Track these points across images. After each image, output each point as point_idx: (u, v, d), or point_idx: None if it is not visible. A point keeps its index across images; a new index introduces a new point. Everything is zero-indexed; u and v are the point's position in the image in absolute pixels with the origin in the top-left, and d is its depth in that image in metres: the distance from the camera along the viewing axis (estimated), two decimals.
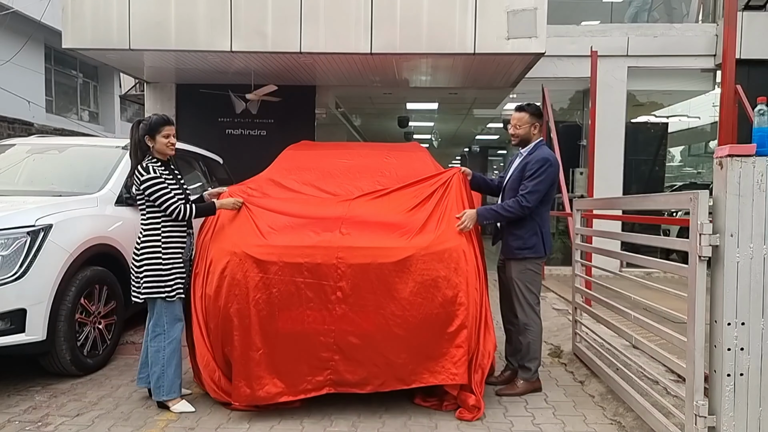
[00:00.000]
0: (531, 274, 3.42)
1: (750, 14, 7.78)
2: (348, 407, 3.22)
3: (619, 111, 8.05)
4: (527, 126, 3.46)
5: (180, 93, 8.50)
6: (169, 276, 3.11)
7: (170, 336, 3.13)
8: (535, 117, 3.47)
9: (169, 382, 3.12)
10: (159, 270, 3.09)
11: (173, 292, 3.12)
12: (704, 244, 2.36)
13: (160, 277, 3.09)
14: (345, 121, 11.64)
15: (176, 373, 3.15)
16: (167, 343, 3.12)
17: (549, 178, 3.31)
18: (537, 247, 3.38)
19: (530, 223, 3.37)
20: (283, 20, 6.23)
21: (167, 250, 3.11)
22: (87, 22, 6.34)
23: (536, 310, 3.45)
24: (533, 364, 3.46)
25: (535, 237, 3.37)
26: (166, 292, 3.10)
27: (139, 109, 13.04)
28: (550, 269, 7.76)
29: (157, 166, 3.15)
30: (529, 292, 3.42)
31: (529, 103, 3.54)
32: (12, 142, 5.08)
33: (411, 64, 7.06)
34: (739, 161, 2.27)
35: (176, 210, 3.10)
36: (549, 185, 3.34)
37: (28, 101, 12.45)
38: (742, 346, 2.32)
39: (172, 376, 3.13)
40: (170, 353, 3.12)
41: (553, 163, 3.35)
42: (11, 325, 3.29)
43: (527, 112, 3.46)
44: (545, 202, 3.42)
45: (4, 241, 3.32)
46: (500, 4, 6.06)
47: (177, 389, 3.17)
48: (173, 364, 3.13)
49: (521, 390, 3.45)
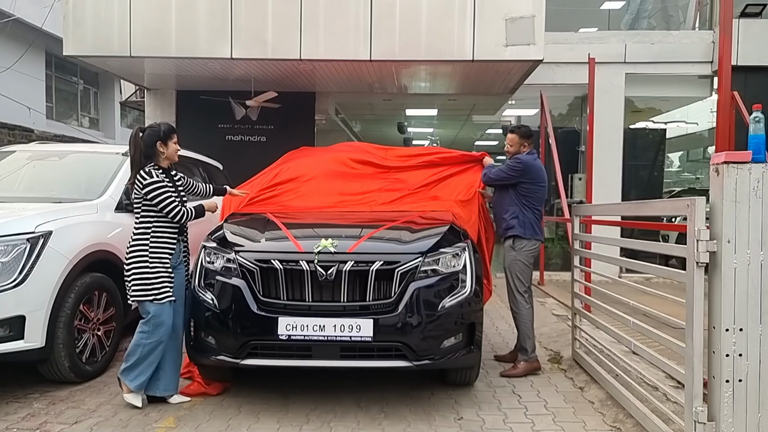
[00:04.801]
0: (521, 265, 3.99)
1: (746, 21, 7.83)
2: (347, 414, 3.22)
3: (617, 117, 8.08)
4: (517, 145, 4.10)
5: (180, 99, 8.54)
6: (156, 280, 3.18)
7: (152, 337, 3.21)
8: (524, 138, 4.10)
9: (137, 373, 3.23)
10: (146, 273, 3.17)
11: (161, 295, 3.18)
12: (701, 250, 2.37)
13: (147, 280, 3.17)
14: (345, 127, 11.66)
15: (145, 370, 3.23)
16: (147, 342, 3.21)
17: (512, 169, 4.00)
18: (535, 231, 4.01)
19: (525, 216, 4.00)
20: (283, 27, 6.27)
21: (154, 255, 3.20)
22: (88, 29, 6.37)
23: (525, 297, 3.98)
24: (528, 344, 3.93)
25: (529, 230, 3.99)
26: (153, 295, 3.17)
27: (139, 115, 13.09)
28: (549, 275, 7.76)
29: (159, 171, 3.26)
30: (517, 279, 3.98)
31: (519, 126, 4.21)
32: (12, 149, 5.10)
33: (410, 70, 7.09)
34: (736, 168, 2.29)
35: (179, 213, 3.22)
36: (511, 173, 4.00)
37: (28, 108, 12.49)
38: (741, 352, 2.33)
39: (141, 370, 3.23)
40: (147, 352, 3.21)
41: (523, 161, 3.98)
42: (10, 332, 3.28)
43: (517, 134, 4.10)
44: (536, 199, 4.02)
45: (4, 248, 3.32)
46: (499, 12, 6.11)
47: (139, 383, 3.24)
48: (146, 362, 3.22)
49: (521, 370, 3.90)
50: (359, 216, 4.03)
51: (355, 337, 3.01)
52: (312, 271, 3.08)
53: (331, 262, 3.09)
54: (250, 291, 3.12)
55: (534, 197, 4.02)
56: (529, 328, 3.96)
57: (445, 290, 3.20)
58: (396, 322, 3.05)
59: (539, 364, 4.00)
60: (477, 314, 3.31)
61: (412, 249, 3.25)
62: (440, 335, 3.14)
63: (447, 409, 3.32)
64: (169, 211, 3.19)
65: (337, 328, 3.02)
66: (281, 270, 3.11)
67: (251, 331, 3.09)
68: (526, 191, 4.00)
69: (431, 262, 3.22)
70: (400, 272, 3.12)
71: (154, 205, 3.18)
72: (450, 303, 3.17)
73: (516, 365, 3.95)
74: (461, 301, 3.20)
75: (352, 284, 3.10)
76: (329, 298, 3.11)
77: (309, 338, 3.02)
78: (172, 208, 3.20)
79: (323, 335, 3.01)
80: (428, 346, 3.09)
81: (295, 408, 3.30)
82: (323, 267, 3.07)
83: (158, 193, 3.17)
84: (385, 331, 3.04)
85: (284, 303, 3.11)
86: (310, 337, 3.02)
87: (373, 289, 3.10)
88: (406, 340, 3.05)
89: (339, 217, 4.06)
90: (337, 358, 3.08)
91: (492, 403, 3.41)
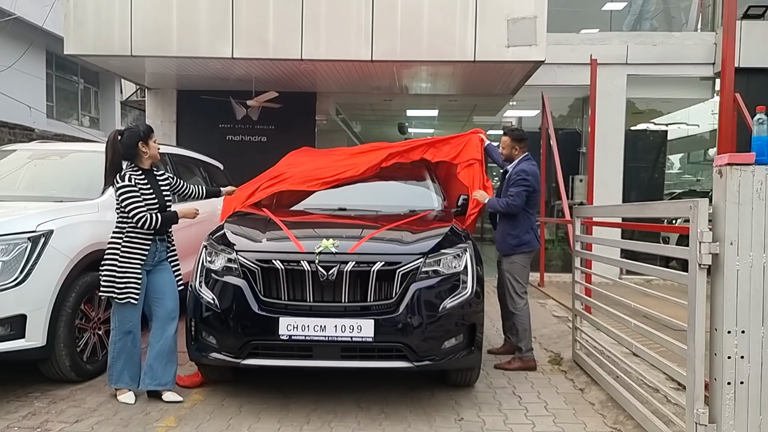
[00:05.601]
0: (519, 267, 4.09)
1: (749, 23, 7.82)
2: (348, 414, 3.22)
3: (618, 119, 8.07)
4: (509, 148, 4.18)
5: (181, 99, 8.53)
6: (122, 280, 3.25)
7: (119, 333, 3.32)
8: (516, 141, 4.16)
9: (117, 372, 3.35)
10: (114, 273, 3.26)
11: (122, 295, 3.25)
12: (704, 252, 2.37)
13: (114, 279, 3.26)
14: (345, 127, 11.67)
15: (124, 366, 3.35)
16: (117, 338, 3.33)
17: (527, 185, 3.99)
18: (531, 242, 4.09)
19: (523, 223, 4.05)
20: (285, 27, 6.27)
21: (125, 255, 3.27)
22: (89, 28, 6.37)
23: (523, 297, 4.07)
24: (524, 344, 4.05)
25: (527, 234, 4.07)
26: (116, 294, 3.26)
27: (140, 114, 13.08)
28: (549, 276, 7.76)
29: (137, 174, 3.34)
30: (516, 282, 4.08)
31: (513, 129, 4.29)
32: (13, 148, 5.09)
33: (411, 71, 7.09)
34: (739, 170, 2.28)
35: (142, 219, 3.26)
36: (530, 190, 4.01)
37: (29, 107, 12.46)
38: (743, 354, 2.32)
39: (120, 368, 3.34)
40: (119, 349, 3.33)
41: (529, 173, 4.01)
42: (11, 331, 3.28)
43: (509, 137, 4.18)
44: (532, 205, 4.09)
45: (5, 247, 3.32)
46: (500, 12, 6.10)
47: (125, 381, 3.36)
48: (122, 359, 3.34)
49: (516, 367, 4.02)
50: (360, 216, 4.03)
51: (356, 338, 3.01)
52: (313, 271, 3.08)
53: (333, 262, 3.09)
54: (251, 291, 3.13)
55: (532, 203, 4.09)
56: (527, 327, 4.06)
57: (446, 291, 3.20)
58: (397, 322, 3.05)
59: (535, 364, 4.08)
60: (478, 315, 3.31)
61: (414, 250, 3.25)
62: (441, 336, 3.14)
63: (447, 409, 3.32)
64: (134, 215, 3.25)
65: (338, 329, 3.01)
66: (282, 270, 3.11)
67: (252, 331, 3.09)
68: (533, 201, 4.07)
69: (432, 263, 3.22)
70: (401, 273, 3.12)
71: (124, 208, 3.27)
72: (451, 304, 3.17)
73: (512, 361, 4.07)
74: (462, 302, 3.20)
75: (353, 285, 3.10)
76: (330, 299, 3.11)
77: (310, 338, 3.02)
78: (136, 213, 3.24)
79: (324, 335, 3.01)
80: (429, 347, 3.09)
81: (295, 408, 3.30)
82: (324, 267, 3.07)
83: (126, 197, 3.25)
84: (385, 332, 3.03)
85: (285, 303, 3.11)
86: (311, 337, 3.02)
87: (374, 290, 3.10)
88: (407, 341, 3.05)
89: (340, 216, 4.06)
90: (338, 358, 3.08)
91: (492, 404, 3.41)
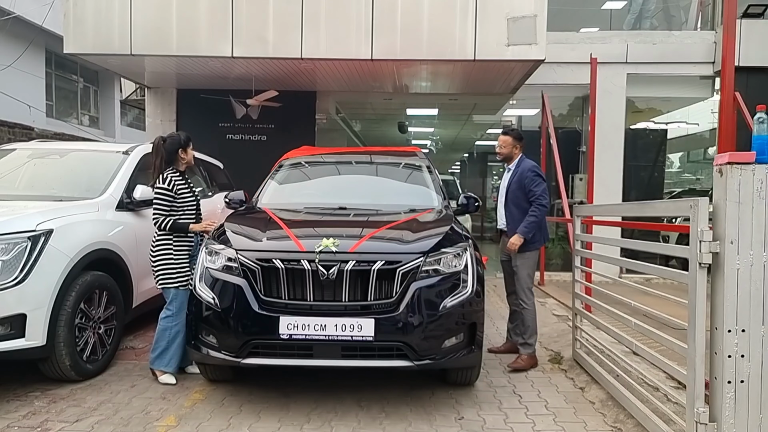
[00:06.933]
0: (531, 263, 4.14)
1: (748, 22, 7.82)
2: (348, 413, 3.22)
3: (618, 117, 8.07)
4: (510, 147, 4.19)
5: (181, 98, 8.53)
6: (179, 267, 3.64)
7: (177, 319, 3.61)
8: (516, 140, 4.19)
9: (170, 357, 3.64)
10: (171, 263, 3.63)
11: (184, 282, 3.62)
12: (704, 251, 2.37)
13: (171, 268, 3.63)
14: (345, 126, 11.67)
15: (176, 351, 3.64)
16: (174, 324, 3.62)
17: (544, 179, 4.09)
18: (544, 237, 4.23)
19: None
20: (284, 26, 6.26)
21: (178, 245, 3.66)
22: (88, 27, 6.37)
23: (532, 291, 4.14)
24: (532, 339, 4.11)
25: (541, 231, 4.13)
26: (177, 282, 3.62)
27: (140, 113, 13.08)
28: (549, 275, 7.76)
29: (177, 177, 3.70)
30: (529, 278, 4.12)
31: (512, 128, 4.34)
32: (13, 147, 5.09)
33: (411, 70, 7.09)
34: (739, 169, 2.28)
35: (156, 221, 3.62)
36: (546, 192, 4.06)
37: (28, 105, 12.46)
38: (743, 353, 2.33)
39: (172, 353, 3.64)
40: (175, 333, 3.61)
41: (542, 175, 4.12)
42: (11, 330, 3.28)
43: (510, 136, 4.20)
44: None
45: (5, 246, 3.32)
46: (500, 11, 6.10)
47: (174, 365, 3.67)
48: (176, 343, 3.62)
49: (525, 364, 4.03)
50: (360, 215, 4.03)
51: (356, 337, 3.01)
52: (313, 270, 3.08)
53: (333, 261, 3.09)
54: (252, 290, 3.12)
55: None
56: (534, 324, 4.11)
57: (446, 290, 3.20)
58: (397, 321, 3.05)
59: (537, 360, 4.15)
60: (478, 314, 3.31)
61: (414, 249, 3.25)
62: (441, 335, 3.14)
63: (448, 408, 3.33)
64: (153, 214, 3.63)
65: (339, 328, 3.01)
66: (283, 269, 3.11)
67: (252, 330, 3.09)
68: None
69: (433, 262, 3.22)
70: (401, 272, 3.12)
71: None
72: (451, 303, 3.17)
73: (519, 359, 4.06)
74: (462, 301, 3.20)
75: (353, 284, 3.10)
76: (330, 298, 3.10)
77: (310, 338, 3.01)
78: (156, 213, 3.62)
79: (324, 335, 3.01)
80: (429, 346, 3.09)
81: (296, 407, 3.30)
82: (325, 266, 3.07)
83: (157, 197, 3.63)
84: (386, 331, 3.03)
85: (285, 302, 3.10)
86: (311, 336, 3.01)
87: (375, 289, 3.10)
88: (408, 340, 3.05)
89: (340, 216, 4.06)
90: (339, 357, 3.07)
91: (493, 403, 3.41)
